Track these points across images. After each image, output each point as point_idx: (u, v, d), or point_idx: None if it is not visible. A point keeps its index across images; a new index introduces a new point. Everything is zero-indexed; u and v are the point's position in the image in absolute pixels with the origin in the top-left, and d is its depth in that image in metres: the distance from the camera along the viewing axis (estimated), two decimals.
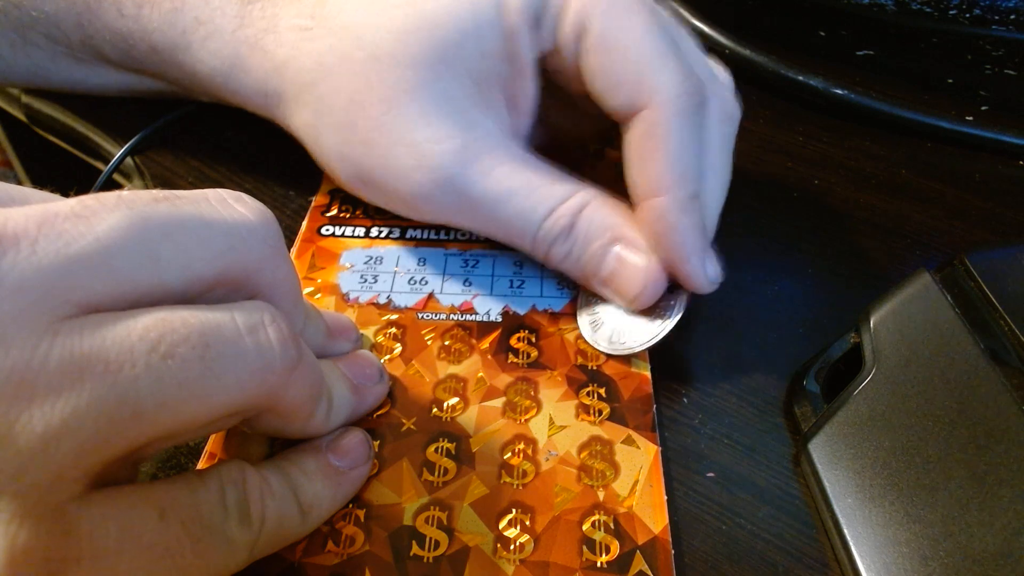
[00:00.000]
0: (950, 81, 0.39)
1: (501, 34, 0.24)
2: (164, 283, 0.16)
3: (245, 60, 0.27)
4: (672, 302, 0.24)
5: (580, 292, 0.26)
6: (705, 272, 0.24)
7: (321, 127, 0.26)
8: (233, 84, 0.28)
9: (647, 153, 0.23)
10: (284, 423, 0.19)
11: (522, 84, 0.25)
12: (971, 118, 0.36)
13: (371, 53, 0.24)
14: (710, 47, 0.41)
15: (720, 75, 0.27)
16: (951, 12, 0.44)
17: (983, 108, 0.37)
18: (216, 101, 0.31)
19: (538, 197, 0.24)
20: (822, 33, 0.44)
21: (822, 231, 0.31)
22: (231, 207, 0.17)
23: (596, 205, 0.25)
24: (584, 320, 0.25)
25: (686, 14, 0.42)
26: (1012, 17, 0.43)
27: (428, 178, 0.24)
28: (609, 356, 0.24)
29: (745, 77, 0.40)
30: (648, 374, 0.24)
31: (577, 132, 0.30)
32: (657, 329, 0.24)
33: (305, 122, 0.26)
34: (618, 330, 0.25)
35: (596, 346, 0.25)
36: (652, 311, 0.25)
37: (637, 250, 0.24)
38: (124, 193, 0.16)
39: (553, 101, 0.27)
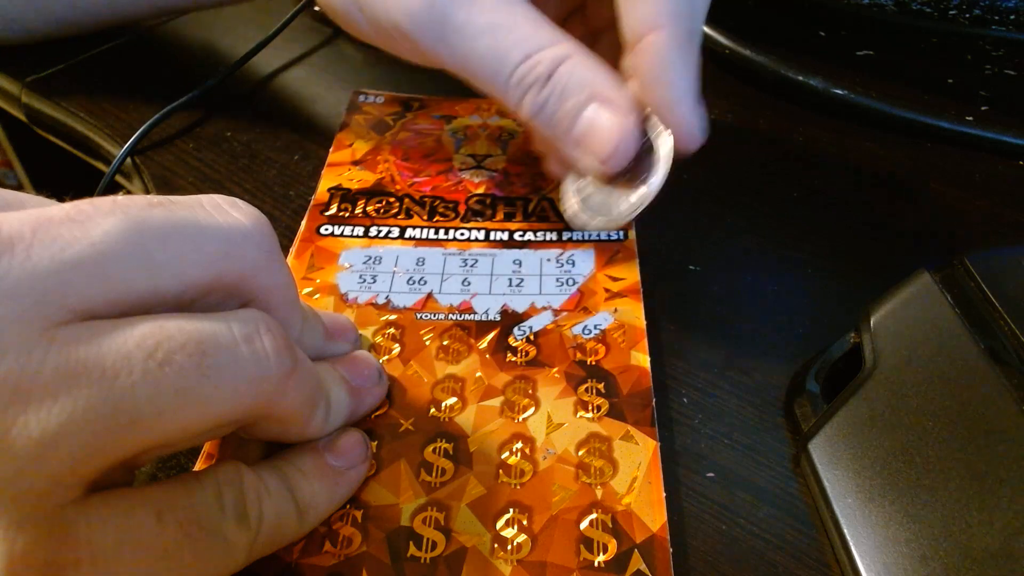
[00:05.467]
0: (950, 81, 0.39)
1: None
2: (159, 288, 0.16)
3: None
4: (650, 165, 0.23)
5: (566, 177, 0.26)
6: (695, 118, 0.23)
7: None
8: None
9: None
10: (282, 429, 0.19)
11: None
12: (971, 118, 0.36)
13: None
14: (710, 47, 0.41)
15: None
16: (951, 12, 0.44)
17: (983, 108, 0.37)
18: None
19: (518, 37, 0.24)
20: (822, 33, 0.44)
21: (822, 231, 0.31)
22: (226, 212, 0.17)
23: (578, 59, 0.24)
24: (572, 201, 0.25)
25: None
26: (1012, 17, 0.43)
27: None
28: (601, 229, 0.24)
29: (745, 77, 0.40)
30: (648, 367, 0.24)
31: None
32: (643, 191, 0.23)
33: None
34: (606, 204, 0.24)
35: (589, 223, 0.24)
36: (633, 180, 0.24)
37: (613, 109, 0.23)
38: (119, 198, 0.16)
39: None
